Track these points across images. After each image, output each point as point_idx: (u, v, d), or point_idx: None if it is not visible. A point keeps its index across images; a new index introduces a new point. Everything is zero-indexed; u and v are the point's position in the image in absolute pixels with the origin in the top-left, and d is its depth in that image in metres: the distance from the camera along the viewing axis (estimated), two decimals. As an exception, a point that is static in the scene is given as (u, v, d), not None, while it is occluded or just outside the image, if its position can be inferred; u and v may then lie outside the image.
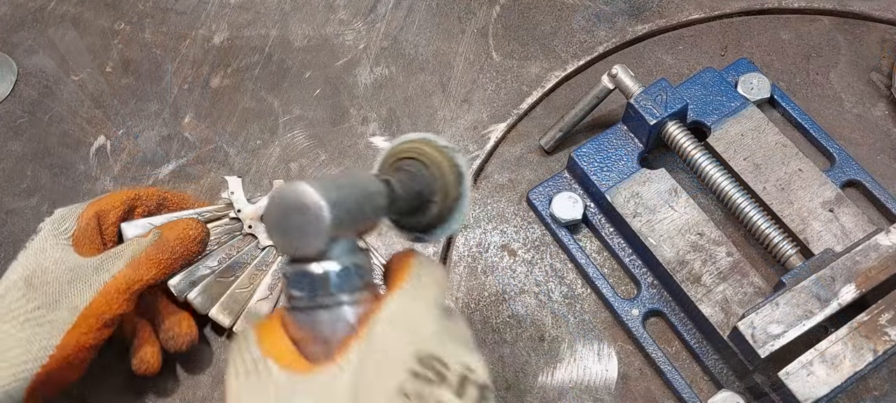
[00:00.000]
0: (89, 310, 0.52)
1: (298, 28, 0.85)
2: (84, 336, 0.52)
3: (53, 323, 0.51)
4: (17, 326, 0.51)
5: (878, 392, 0.59)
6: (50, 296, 0.52)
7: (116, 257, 0.55)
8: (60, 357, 0.51)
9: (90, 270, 0.54)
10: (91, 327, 0.53)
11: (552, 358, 0.63)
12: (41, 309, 0.52)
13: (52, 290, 0.53)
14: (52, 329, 0.51)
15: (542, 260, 0.68)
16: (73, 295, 0.52)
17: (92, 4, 0.88)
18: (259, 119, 0.78)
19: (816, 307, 0.53)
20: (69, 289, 0.53)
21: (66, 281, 0.53)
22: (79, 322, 0.52)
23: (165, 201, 0.62)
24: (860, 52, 0.76)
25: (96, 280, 0.53)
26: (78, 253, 0.55)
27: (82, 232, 0.56)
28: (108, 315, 0.53)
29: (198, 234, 0.58)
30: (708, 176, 0.65)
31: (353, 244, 0.40)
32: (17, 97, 0.82)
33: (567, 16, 0.83)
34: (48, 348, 0.51)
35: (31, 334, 0.51)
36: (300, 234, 0.37)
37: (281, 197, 0.37)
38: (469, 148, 0.75)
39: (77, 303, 0.52)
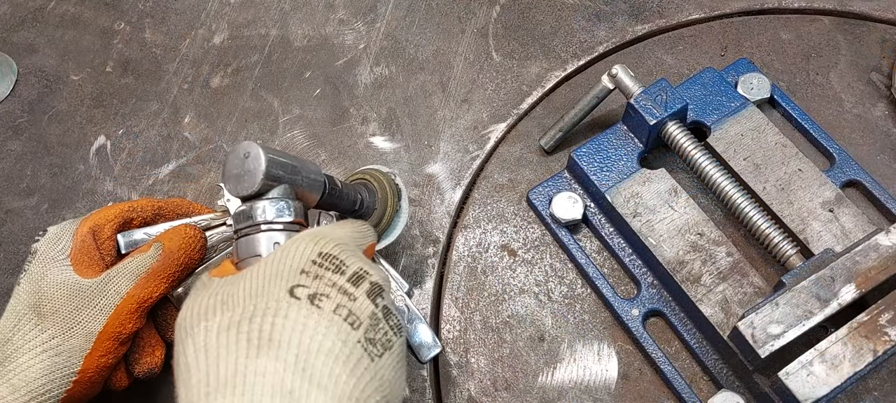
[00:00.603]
0: (105, 333, 0.53)
1: (298, 28, 0.85)
2: (103, 358, 0.53)
3: (71, 350, 0.52)
4: (36, 358, 0.52)
5: (878, 392, 0.59)
6: (62, 324, 0.53)
7: (121, 276, 0.54)
8: (83, 380, 0.52)
9: (96, 292, 0.54)
10: (108, 349, 0.53)
11: (552, 358, 0.63)
12: (56, 337, 0.52)
13: (62, 317, 0.53)
14: (71, 356, 0.52)
15: (542, 260, 0.68)
16: (86, 321, 0.53)
17: (92, 4, 0.88)
18: (259, 119, 0.78)
19: (816, 307, 0.53)
20: (79, 315, 0.53)
21: (74, 307, 0.53)
22: (96, 346, 0.53)
23: (161, 211, 0.61)
24: (860, 52, 0.76)
25: (105, 303, 0.53)
26: (78, 274, 0.54)
27: (79, 251, 0.55)
28: (124, 334, 0.54)
29: (198, 242, 0.58)
30: (708, 176, 0.65)
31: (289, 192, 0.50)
32: (17, 97, 0.82)
33: (567, 16, 0.83)
34: (70, 375, 0.52)
35: (52, 364, 0.51)
36: (245, 175, 0.48)
37: (234, 149, 0.49)
38: (469, 148, 0.75)
39: (92, 329, 0.53)
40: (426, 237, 0.70)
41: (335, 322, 0.40)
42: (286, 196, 0.50)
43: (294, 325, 0.39)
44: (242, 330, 0.39)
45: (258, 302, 0.40)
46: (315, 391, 0.38)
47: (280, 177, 0.49)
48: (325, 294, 0.41)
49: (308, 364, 0.38)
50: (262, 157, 0.48)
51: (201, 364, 0.38)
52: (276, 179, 0.49)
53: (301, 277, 0.41)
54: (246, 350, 0.38)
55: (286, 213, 0.49)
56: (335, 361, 0.39)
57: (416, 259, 0.69)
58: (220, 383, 0.37)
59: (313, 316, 0.40)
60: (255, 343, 0.38)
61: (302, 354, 0.38)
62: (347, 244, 0.46)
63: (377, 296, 0.43)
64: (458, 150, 0.75)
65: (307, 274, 0.42)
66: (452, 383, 0.63)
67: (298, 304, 0.40)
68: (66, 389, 0.52)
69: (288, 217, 0.49)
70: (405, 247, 0.69)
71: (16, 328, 0.53)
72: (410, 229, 0.70)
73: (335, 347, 0.39)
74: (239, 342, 0.39)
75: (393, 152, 0.75)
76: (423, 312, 0.66)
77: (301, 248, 0.43)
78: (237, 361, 0.38)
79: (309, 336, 0.39)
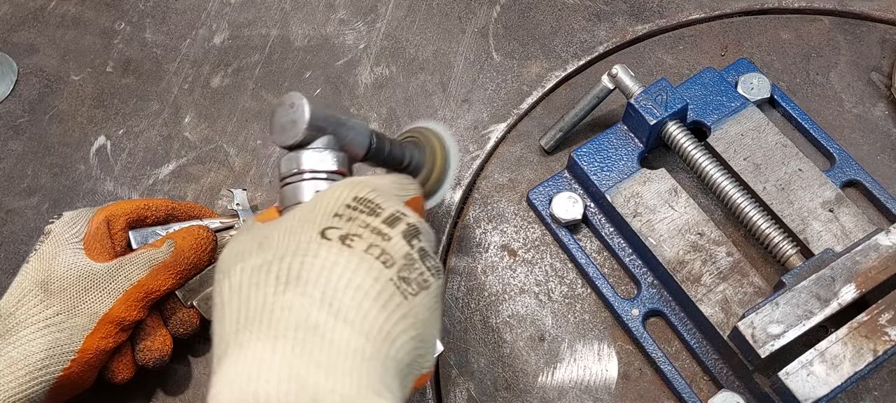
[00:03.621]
0: (108, 316, 0.54)
1: (299, 28, 0.85)
2: (103, 341, 0.54)
3: (74, 328, 0.53)
4: (38, 332, 0.52)
5: (878, 392, 0.59)
6: (68, 302, 0.53)
7: (133, 264, 0.56)
8: (81, 360, 0.53)
9: (106, 276, 0.55)
10: (109, 332, 0.54)
11: (552, 358, 0.63)
12: (61, 314, 0.53)
13: (69, 296, 0.54)
14: (73, 334, 0.53)
15: (542, 260, 0.68)
16: (91, 302, 0.54)
17: (92, 4, 0.88)
18: (259, 119, 0.78)
19: (816, 307, 0.53)
20: (87, 295, 0.54)
21: (83, 287, 0.54)
22: (98, 327, 0.54)
23: (174, 212, 0.62)
24: (860, 52, 0.76)
25: (114, 287, 0.54)
26: (89, 258, 0.55)
27: (93, 236, 0.57)
28: (127, 321, 0.55)
29: (209, 244, 0.59)
30: (708, 176, 0.65)
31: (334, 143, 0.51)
32: (17, 97, 0.82)
33: (567, 16, 0.83)
34: (70, 352, 0.52)
35: (53, 339, 0.52)
36: (290, 125, 0.49)
37: (280, 100, 0.50)
38: (469, 148, 0.75)
39: (97, 309, 0.54)
40: (426, 237, 0.70)
41: (366, 260, 0.40)
42: (330, 146, 0.50)
43: (323, 264, 0.39)
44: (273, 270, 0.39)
45: (290, 244, 0.40)
46: (341, 325, 0.37)
47: (324, 127, 0.50)
48: (357, 234, 0.41)
49: (335, 300, 0.38)
50: (306, 107, 0.49)
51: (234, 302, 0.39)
52: (320, 130, 0.50)
53: (334, 220, 0.41)
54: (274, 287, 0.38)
55: (329, 162, 0.49)
56: (364, 297, 0.39)
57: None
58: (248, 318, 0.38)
59: (343, 255, 0.40)
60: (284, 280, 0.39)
61: (329, 290, 0.38)
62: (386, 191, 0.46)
63: (413, 237, 0.43)
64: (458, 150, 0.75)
65: (340, 216, 0.42)
66: (452, 383, 0.63)
67: (329, 244, 0.40)
68: (63, 367, 0.52)
69: (331, 166, 0.49)
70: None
71: (20, 302, 0.54)
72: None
73: (365, 283, 0.39)
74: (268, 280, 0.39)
75: (393, 152, 0.75)
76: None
77: (336, 193, 0.43)
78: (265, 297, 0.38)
79: (337, 274, 0.39)
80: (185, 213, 0.63)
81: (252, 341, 0.37)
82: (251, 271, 0.40)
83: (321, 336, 0.37)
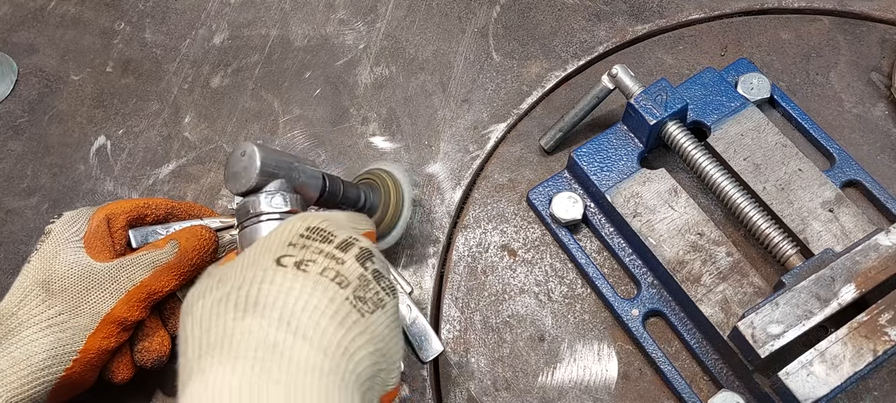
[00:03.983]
0: (110, 317, 0.54)
1: (298, 28, 0.85)
2: (105, 341, 0.54)
3: (76, 328, 0.53)
4: (40, 332, 0.52)
5: (877, 392, 0.59)
6: (70, 302, 0.53)
7: (135, 265, 0.56)
8: (83, 360, 0.53)
9: (108, 276, 0.55)
10: (111, 332, 0.54)
11: (552, 358, 0.63)
12: (63, 314, 0.53)
13: (71, 295, 0.54)
14: (75, 334, 0.53)
15: (542, 260, 0.68)
16: (93, 302, 0.54)
17: (92, 4, 0.88)
18: (259, 119, 0.78)
19: (816, 307, 0.53)
20: (88, 295, 0.54)
21: (85, 287, 0.54)
22: (100, 327, 0.54)
23: (174, 211, 0.62)
24: (860, 52, 0.76)
25: (116, 287, 0.55)
26: (90, 257, 0.55)
27: (93, 235, 0.57)
28: (129, 321, 0.55)
29: (212, 244, 0.59)
30: (708, 176, 0.65)
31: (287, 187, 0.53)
32: (17, 97, 0.82)
33: (567, 16, 0.83)
34: (72, 353, 0.53)
35: (55, 339, 0.52)
36: (242, 173, 0.52)
37: (233, 150, 0.53)
38: (469, 148, 0.75)
39: (99, 310, 0.54)
40: (426, 237, 0.70)
41: (321, 282, 0.41)
42: (282, 189, 0.52)
43: (280, 288, 0.40)
44: (231, 299, 0.40)
45: (247, 274, 0.42)
46: (300, 342, 0.38)
47: (275, 172, 0.52)
48: (311, 260, 0.42)
49: (293, 320, 0.39)
50: (256, 154, 0.51)
51: (195, 333, 0.40)
52: (272, 175, 0.52)
53: (289, 248, 0.43)
54: (234, 314, 0.40)
55: (282, 204, 0.51)
56: (321, 316, 0.40)
57: (416, 259, 0.69)
58: (210, 345, 0.39)
59: (299, 279, 0.41)
60: (242, 306, 0.40)
61: (286, 311, 0.39)
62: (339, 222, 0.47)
63: (366, 260, 0.44)
64: (458, 150, 0.75)
65: (295, 244, 0.43)
66: (452, 383, 0.63)
67: (284, 270, 0.41)
68: (65, 367, 0.52)
69: (285, 207, 0.51)
70: (405, 247, 0.69)
71: (22, 302, 0.54)
72: (411, 229, 0.70)
73: (321, 303, 0.40)
74: (227, 309, 0.40)
75: (393, 152, 0.75)
76: (424, 312, 0.66)
77: (290, 225, 0.45)
78: (225, 324, 0.39)
79: (294, 297, 0.40)
80: (184, 212, 0.63)
81: (213, 365, 0.37)
82: (212, 304, 0.41)
83: (280, 355, 0.38)
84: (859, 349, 0.52)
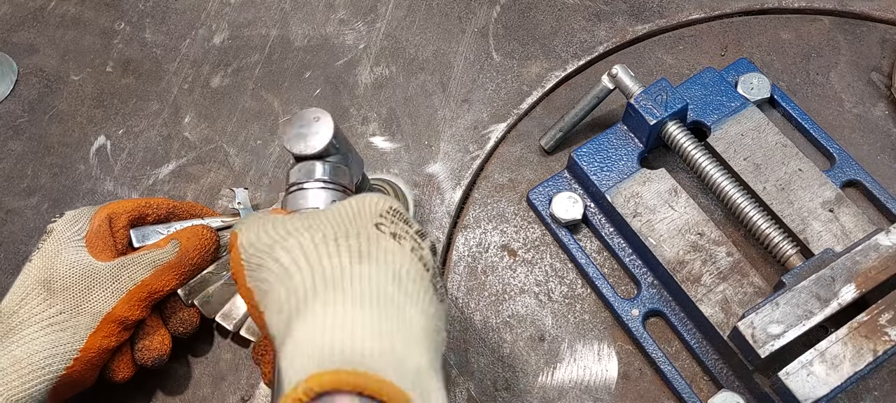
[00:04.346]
0: (111, 316, 0.54)
1: (298, 28, 0.85)
2: (105, 340, 0.54)
3: (77, 327, 0.53)
4: (41, 331, 0.52)
5: (878, 392, 0.59)
6: (72, 301, 0.54)
7: (136, 264, 0.56)
8: (84, 359, 0.53)
9: (109, 275, 0.55)
10: (112, 331, 0.54)
11: (552, 358, 0.63)
12: (64, 313, 0.53)
13: (72, 294, 0.54)
14: (76, 333, 0.53)
15: (542, 260, 0.68)
16: (94, 301, 0.54)
17: (92, 4, 0.88)
18: (259, 119, 0.78)
19: (816, 307, 0.53)
20: (90, 294, 0.54)
21: (86, 286, 0.54)
22: (101, 326, 0.54)
23: (175, 211, 0.62)
24: (860, 52, 0.76)
25: (117, 286, 0.55)
26: (92, 256, 0.55)
27: (95, 234, 0.57)
28: (130, 320, 0.55)
29: (212, 244, 0.60)
30: (708, 176, 0.65)
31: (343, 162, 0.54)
32: (17, 97, 0.82)
33: (567, 16, 0.83)
34: (73, 351, 0.53)
35: (56, 338, 0.52)
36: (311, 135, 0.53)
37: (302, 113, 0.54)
38: (469, 148, 0.75)
39: (100, 309, 0.54)
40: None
41: (414, 258, 0.43)
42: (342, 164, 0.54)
43: (386, 248, 0.42)
44: (342, 244, 0.42)
45: (350, 227, 0.43)
46: (409, 302, 0.40)
47: (339, 146, 0.54)
48: (402, 235, 0.44)
49: (402, 281, 0.41)
50: (331, 124, 0.53)
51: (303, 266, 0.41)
52: (336, 149, 0.54)
53: (381, 219, 0.44)
54: (349, 258, 0.41)
55: (345, 177, 0.53)
56: (419, 285, 0.42)
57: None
58: (326, 281, 0.40)
59: (397, 247, 0.43)
60: (356, 253, 0.41)
61: (396, 270, 0.41)
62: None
63: (435, 254, 0.46)
64: (458, 150, 0.75)
65: (385, 217, 0.45)
66: (452, 383, 0.63)
67: (385, 236, 0.43)
68: (66, 366, 0.52)
69: (347, 181, 0.53)
70: (405, 247, 0.69)
71: (23, 301, 0.54)
72: None
73: (417, 275, 0.43)
74: (340, 251, 0.41)
75: (393, 152, 0.75)
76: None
77: (375, 200, 0.46)
78: (342, 264, 0.40)
79: (398, 260, 0.42)
80: (186, 212, 0.63)
81: (336, 300, 0.38)
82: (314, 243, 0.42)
83: (397, 308, 0.39)
84: (859, 349, 0.52)
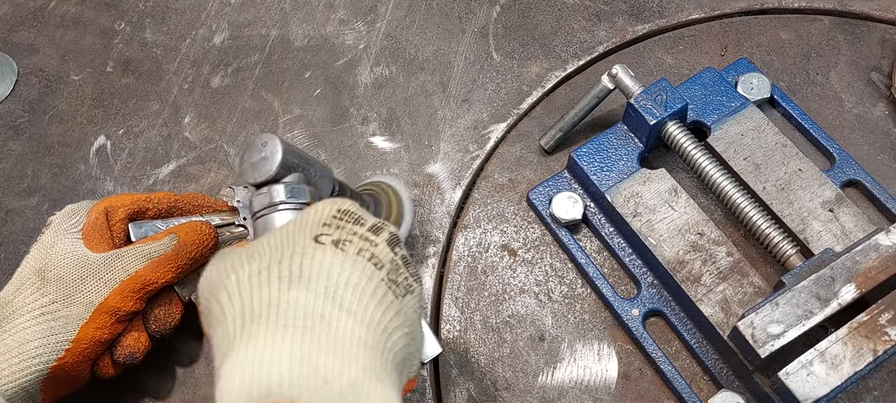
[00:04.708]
0: (104, 306, 0.54)
1: (298, 28, 0.85)
2: (98, 331, 0.54)
3: (69, 317, 0.53)
4: (33, 320, 0.52)
5: (878, 392, 0.59)
6: (64, 291, 0.53)
7: (131, 256, 0.55)
8: (76, 350, 0.53)
9: (103, 266, 0.54)
10: (105, 322, 0.54)
11: (552, 358, 0.63)
12: (56, 303, 0.53)
13: (65, 285, 0.53)
14: (68, 323, 0.53)
15: (542, 260, 0.68)
16: (87, 291, 0.54)
17: (92, 4, 0.88)
18: (259, 119, 0.78)
19: (816, 307, 0.53)
20: (83, 285, 0.54)
21: (79, 276, 0.54)
22: (93, 317, 0.53)
23: (177, 204, 0.62)
24: (860, 52, 0.76)
25: (110, 277, 0.54)
26: (87, 248, 0.55)
27: (91, 227, 0.56)
28: (123, 311, 0.54)
29: (211, 240, 0.59)
30: (708, 176, 0.65)
31: (303, 180, 0.53)
32: (17, 97, 0.82)
33: (567, 16, 0.83)
34: (64, 342, 0.52)
35: (48, 328, 0.52)
36: (262, 162, 0.52)
37: (251, 141, 0.53)
38: (469, 148, 0.75)
39: (93, 299, 0.53)
40: (426, 237, 0.70)
41: (359, 261, 0.42)
42: (301, 182, 0.53)
43: (321, 263, 0.41)
44: (273, 271, 0.41)
45: (285, 250, 0.42)
46: (345, 315, 0.39)
47: (294, 164, 0.53)
48: (348, 239, 0.43)
49: (337, 294, 0.40)
50: (278, 145, 0.52)
51: (235, 303, 0.40)
52: (291, 167, 0.53)
53: (323, 228, 0.44)
54: (278, 285, 0.40)
55: (302, 195, 0.52)
56: (362, 293, 0.41)
57: (416, 259, 0.69)
58: (254, 314, 0.39)
59: (339, 256, 0.42)
60: (286, 278, 0.40)
61: (331, 286, 0.40)
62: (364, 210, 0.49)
63: (396, 245, 0.45)
64: (458, 150, 0.75)
65: (329, 225, 0.44)
66: (452, 383, 0.63)
67: (323, 248, 0.42)
68: (57, 357, 0.52)
69: (304, 198, 0.52)
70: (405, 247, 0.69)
71: (18, 291, 0.54)
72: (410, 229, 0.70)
73: (361, 281, 0.41)
74: (271, 279, 0.41)
75: (393, 152, 0.75)
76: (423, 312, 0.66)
77: (321, 208, 0.45)
78: (270, 294, 0.40)
79: (336, 272, 0.41)
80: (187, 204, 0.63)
81: (261, 332, 0.38)
82: (250, 275, 0.41)
83: (328, 325, 0.38)
84: (859, 349, 0.52)
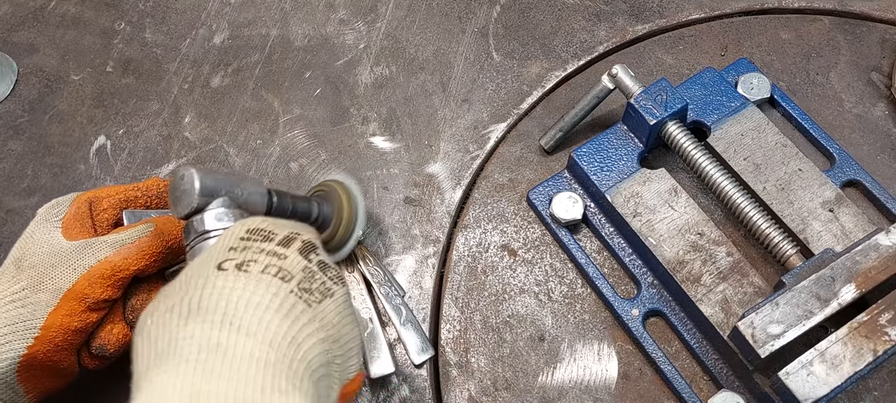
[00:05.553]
0: (72, 293, 0.53)
1: (299, 28, 0.85)
2: (67, 318, 0.53)
3: (36, 304, 0.52)
4: (3, 306, 0.52)
5: (878, 392, 0.59)
6: (34, 278, 0.53)
7: (102, 243, 0.55)
8: (45, 338, 0.52)
9: (74, 253, 0.54)
10: (74, 310, 0.53)
11: (552, 358, 0.63)
12: (25, 289, 0.52)
13: (37, 272, 0.53)
14: (35, 309, 0.52)
15: (542, 260, 0.68)
16: (56, 277, 0.53)
17: (92, 4, 0.88)
18: (259, 119, 0.78)
19: (816, 307, 0.53)
20: (53, 271, 0.53)
21: (51, 263, 0.53)
22: (61, 303, 0.52)
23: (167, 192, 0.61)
24: (860, 52, 0.76)
25: (80, 263, 0.53)
26: (65, 237, 0.55)
27: (72, 217, 0.56)
28: (92, 298, 0.53)
29: None
30: (708, 176, 0.65)
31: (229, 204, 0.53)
32: (17, 97, 0.82)
33: (567, 16, 0.83)
34: (33, 329, 0.51)
35: (17, 314, 0.52)
36: (183, 196, 0.52)
37: (173, 177, 0.53)
38: (469, 147, 0.75)
39: (60, 285, 0.53)
40: (426, 237, 0.70)
41: (263, 279, 0.42)
42: (226, 206, 0.52)
43: (220, 291, 0.41)
44: (174, 310, 0.41)
45: (190, 284, 0.42)
46: (243, 338, 0.39)
47: (216, 190, 0.52)
48: (252, 259, 0.43)
49: (235, 318, 0.40)
50: (195, 176, 0.51)
51: (143, 349, 0.41)
52: (212, 194, 0.52)
53: (229, 253, 0.44)
54: (177, 323, 0.40)
55: (225, 219, 0.51)
56: (265, 311, 0.41)
57: (416, 259, 0.69)
58: (157, 356, 0.39)
59: (240, 279, 0.42)
60: (185, 314, 0.41)
61: (229, 312, 0.40)
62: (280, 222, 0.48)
63: (310, 252, 0.45)
64: (458, 150, 0.75)
65: (235, 248, 0.44)
66: (452, 383, 0.63)
67: (225, 274, 0.42)
68: (27, 345, 0.51)
69: (227, 222, 0.51)
70: (405, 247, 0.69)
71: None
72: (410, 229, 0.70)
73: (264, 300, 0.41)
74: (172, 319, 0.41)
75: (393, 152, 0.75)
76: (424, 312, 0.66)
77: (230, 231, 0.46)
78: (170, 334, 0.40)
79: (236, 297, 0.41)
80: None
81: (159, 374, 0.38)
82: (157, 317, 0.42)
83: (223, 353, 0.38)
84: (859, 349, 0.52)
